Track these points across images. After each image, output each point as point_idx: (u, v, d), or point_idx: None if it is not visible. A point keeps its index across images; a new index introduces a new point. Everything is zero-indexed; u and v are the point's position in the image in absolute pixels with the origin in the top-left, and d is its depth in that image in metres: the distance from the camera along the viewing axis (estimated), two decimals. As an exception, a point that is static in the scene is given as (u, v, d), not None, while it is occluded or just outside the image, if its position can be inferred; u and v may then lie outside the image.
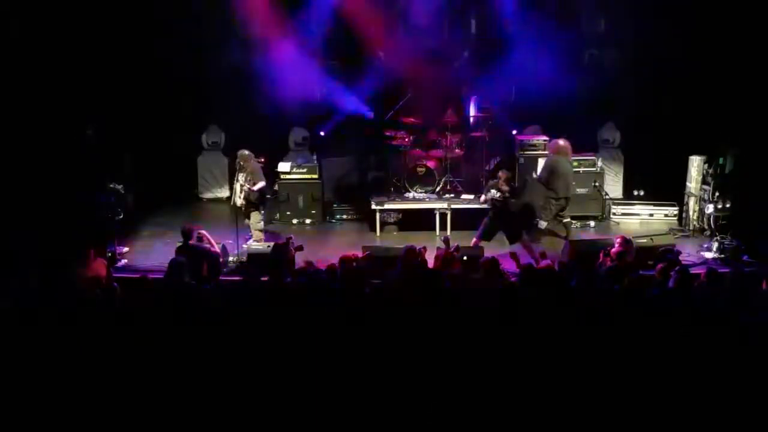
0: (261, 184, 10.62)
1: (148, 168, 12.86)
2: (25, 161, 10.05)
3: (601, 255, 8.70)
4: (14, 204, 9.79)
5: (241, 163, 10.68)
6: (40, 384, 5.47)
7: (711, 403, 5.26)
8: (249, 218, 10.73)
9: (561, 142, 11.40)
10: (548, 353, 5.65)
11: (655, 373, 5.49)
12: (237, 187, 10.67)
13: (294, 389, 5.39)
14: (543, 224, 11.36)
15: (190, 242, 8.97)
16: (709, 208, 11.17)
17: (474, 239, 10.36)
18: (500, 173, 10.43)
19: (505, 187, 10.19)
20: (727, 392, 5.31)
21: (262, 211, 11.00)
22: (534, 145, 12.74)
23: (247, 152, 10.78)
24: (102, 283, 7.74)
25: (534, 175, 11.67)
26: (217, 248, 9.52)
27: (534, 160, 12.43)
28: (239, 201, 10.60)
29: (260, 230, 10.77)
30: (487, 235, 10.39)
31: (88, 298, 7.03)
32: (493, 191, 10.28)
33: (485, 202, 10.49)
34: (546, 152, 12.14)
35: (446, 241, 9.51)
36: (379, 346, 5.76)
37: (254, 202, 10.68)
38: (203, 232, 9.46)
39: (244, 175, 10.61)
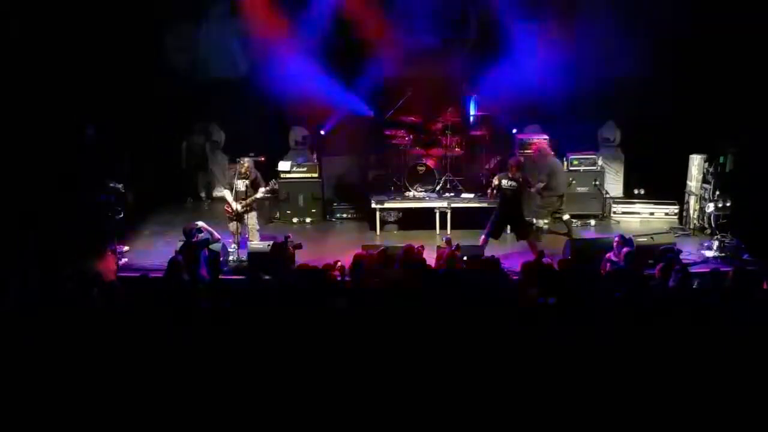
0: (261, 191, 10.52)
1: (148, 167, 12.85)
2: (26, 160, 10.05)
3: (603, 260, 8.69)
4: (14, 203, 9.78)
5: (243, 171, 10.51)
6: (39, 383, 5.47)
7: (710, 403, 5.25)
8: (247, 220, 10.58)
9: (544, 143, 11.37)
10: (548, 352, 5.66)
11: (654, 373, 5.49)
12: (231, 192, 10.47)
13: (293, 389, 5.39)
14: (541, 223, 11.36)
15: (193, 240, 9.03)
16: (710, 207, 11.14)
17: (482, 237, 10.19)
18: (510, 161, 10.26)
19: (518, 174, 10.01)
20: (727, 392, 5.31)
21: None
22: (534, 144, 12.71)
23: (248, 163, 10.61)
24: (113, 277, 7.76)
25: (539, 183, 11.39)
26: (218, 235, 9.60)
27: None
28: (239, 206, 10.41)
29: (257, 230, 10.68)
30: (495, 234, 10.25)
31: (96, 294, 7.03)
32: (504, 181, 10.14)
33: (495, 188, 10.17)
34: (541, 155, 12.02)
35: (448, 241, 9.49)
36: (379, 345, 5.77)
37: (254, 206, 10.59)
38: (201, 223, 9.47)
39: (245, 182, 10.47)
